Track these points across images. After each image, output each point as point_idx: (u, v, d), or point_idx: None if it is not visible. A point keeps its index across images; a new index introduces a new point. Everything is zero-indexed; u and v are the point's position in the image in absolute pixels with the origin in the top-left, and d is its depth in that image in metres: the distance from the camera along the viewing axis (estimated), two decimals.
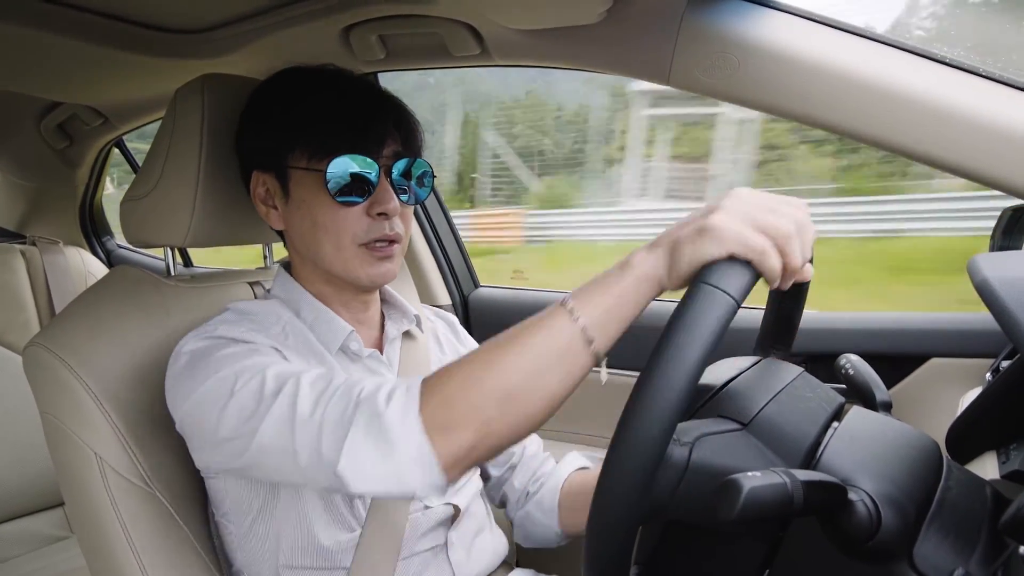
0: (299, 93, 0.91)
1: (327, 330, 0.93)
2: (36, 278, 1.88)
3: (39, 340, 0.92)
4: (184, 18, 1.21)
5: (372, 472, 0.67)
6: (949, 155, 0.76)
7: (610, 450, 0.57)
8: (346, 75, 0.94)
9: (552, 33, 0.99)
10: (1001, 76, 0.76)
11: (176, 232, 0.98)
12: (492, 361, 0.67)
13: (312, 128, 0.87)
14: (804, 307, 0.82)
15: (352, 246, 0.89)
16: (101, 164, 2.14)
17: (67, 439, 0.90)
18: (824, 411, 0.69)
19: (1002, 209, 1.04)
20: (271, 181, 0.92)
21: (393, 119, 0.91)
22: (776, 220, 0.62)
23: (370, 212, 0.88)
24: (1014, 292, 0.58)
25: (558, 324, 0.66)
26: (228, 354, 0.81)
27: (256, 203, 0.95)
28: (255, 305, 0.94)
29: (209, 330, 0.86)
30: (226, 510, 0.91)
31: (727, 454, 0.63)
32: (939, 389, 1.19)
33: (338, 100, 0.89)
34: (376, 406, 0.69)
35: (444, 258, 1.77)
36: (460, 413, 0.66)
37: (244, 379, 0.77)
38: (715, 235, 0.61)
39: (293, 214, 0.92)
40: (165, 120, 1.00)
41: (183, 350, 0.85)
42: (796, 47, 0.81)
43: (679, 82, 0.91)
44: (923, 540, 0.58)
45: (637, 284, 0.66)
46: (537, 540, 1.12)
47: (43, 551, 1.69)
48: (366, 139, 0.87)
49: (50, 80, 1.49)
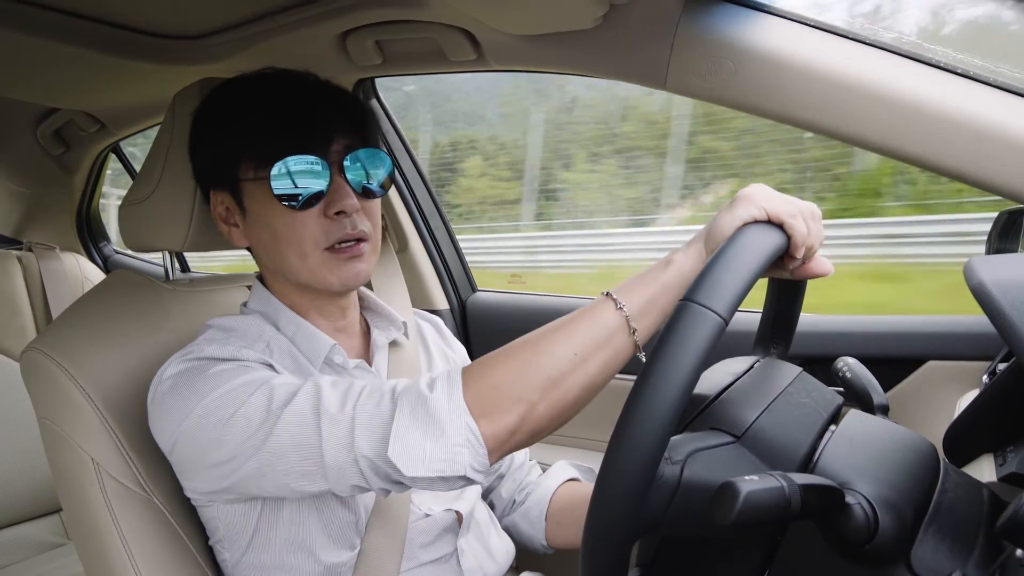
0: (240, 104, 0.88)
1: (309, 344, 0.91)
2: (33, 284, 1.87)
3: (37, 345, 0.92)
4: (181, 24, 1.21)
5: (424, 456, 0.68)
6: (945, 159, 0.77)
7: (601, 471, 0.57)
8: (288, 75, 0.90)
9: (548, 38, 0.99)
10: (997, 80, 0.77)
11: (174, 237, 0.98)
12: (539, 348, 0.70)
13: (254, 136, 0.84)
14: (802, 305, 0.82)
15: (316, 252, 0.85)
16: (98, 170, 2.14)
17: (64, 445, 0.90)
18: (819, 417, 0.69)
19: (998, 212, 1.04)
20: (227, 199, 0.90)
21: (339, 110, 0.88)
22: (796, 204, 0.69)
23: (327, 213, 0.84)
24: (1010, 295, 0.59)
25: (603, 313, 0.70)
26: (221, 371, 0.79)
27: (218, 223, 0.93)
28: (237, 321, 0.92)
29: (195, 351, 0.83)
30: (220, 537, 0.89)
31: (720, 469, 0.63)
32: (936, 392, 1.19)
33: (278, 102, 0.86)
34: (420, 393, 0.70)
35: (442, 262, 1.77)
36: (505, 396, 0.68)
37: (247, 392, 0.76)
38: (747, 199, 0.68)
39: (252, 229, 0.89)
40: (164, 124, 1.00)
41: (166, 374, 0.82)
42: (792, 52, 0.82)
43: (676, 87, 0.91)
44: (920, 543, 0.58)
45: (680, 276, 0.71)
46: (520, 550, 1.11)
47: (40, 557, 1.68)
48: (311, 137, 0.84)
49: (46, 86, 1.49)
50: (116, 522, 0.89)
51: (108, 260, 2.35)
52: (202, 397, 0.77)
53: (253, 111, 0.86)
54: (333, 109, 0.88)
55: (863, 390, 0.79)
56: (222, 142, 0.87)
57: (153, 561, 0.90)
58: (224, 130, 0.87)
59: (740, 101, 0.86)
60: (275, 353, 0.89)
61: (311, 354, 0.91)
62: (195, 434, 0.78)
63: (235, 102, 0.89)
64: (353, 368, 0.93)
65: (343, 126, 0.87)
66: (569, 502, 1.09)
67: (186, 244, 0.98)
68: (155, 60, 1.26)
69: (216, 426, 0.76)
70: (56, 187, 2.11)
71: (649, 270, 0.72)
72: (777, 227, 0.68)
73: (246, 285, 1.12)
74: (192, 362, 0.81)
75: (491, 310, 1.75)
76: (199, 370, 0.80)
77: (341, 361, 0.92)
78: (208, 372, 0.79)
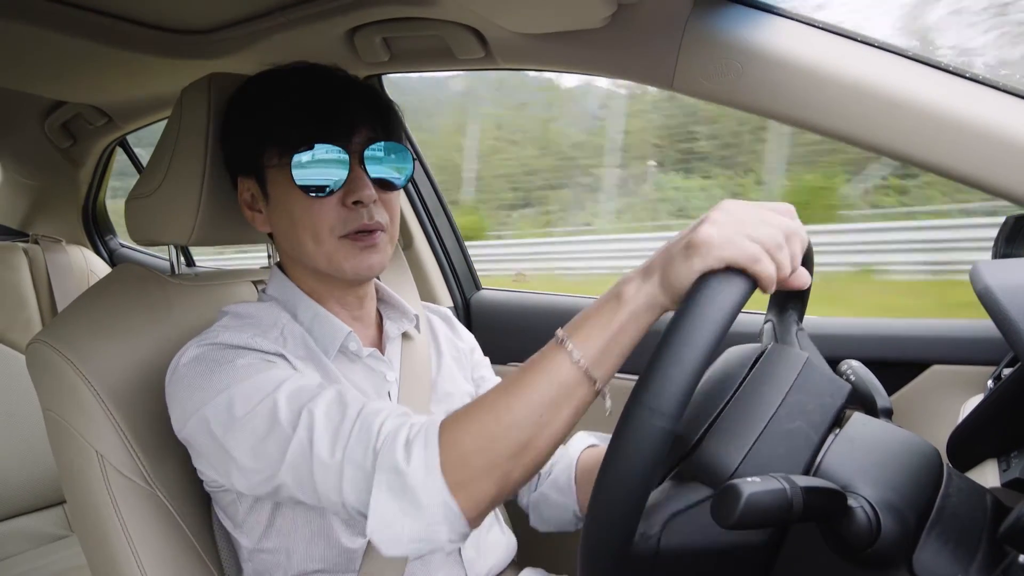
0: (269, 94, 0.91)
1: (325, 331, 0.92)
2: (39, 276, 1.88)
3: (43, 337, 0.92)
4: (189, 18, 1.21)
5: (403, 534, 0.68)
6: (951, 162, 0.76)
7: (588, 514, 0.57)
8: (317, 69, 0.92)
9: (556, 37, 0.99)
10: (1004, 84, 0.77)
11: (181, 230, 0.98)
12: (502, 416, 0.67)
13: (280, 125, 0.86)
14: (813, 265, 0.78)
15: (332, 238, 0.87)
16: (105, 163, 2.15)
17: (69, 437, 0.90)
18: (811, 441, 0.66)
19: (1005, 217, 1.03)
20: (252, 185, 0.92)
21: (363, 104, 0.89)
22: (765, 230, 0.61)
23: (345, 202, 0.86)
24: (1016, 300, 0.58)
25: (560, 367, 0.66)
26: (235, 367, 0.79)
27: (243, 209, 0.95)
28: (253, 307, 0.93)
29: (211, 336, 0.84)
30: (239, 522, 0.90)
31: (700, 532, 0.62)
32: (940, 396, 1.19)
33: (305, 93, 0.88)
34: (396, 462, 0.68)
35: (446, 260, 1.77)
36: (479, 469, 0.67)
37: (255, 400, 0.76)
38: (704, 247, 0.60)
39: (274, 215, 0.91)
40: (171, 119, 1.00)
41: (183, 360, 0.83)
42: (799, 53, 0.81)
43: (683, 87, 0.91)
44: (922, 547, 0.58)
45: (636, 317, 0.66)
46: (554, 523, 1.08)
47: (42, 549, 1.69)
48: (334, 127, 0.86)
49: (54, 79, 1.49)
50: (120, 515, 0.89)
51: (114, 254, 2.36)
52: (215, 393, 0.78)
53: (281, 100, 0.88)
54: (358, 101, 0.89)
55: (867, 393, 0.78)
56: (250, 130, 0.90)
57: (156, 553, 0.90)
58: (253, 118, 0.90)
59: (747, 102, 0.86)
60: (288, 342, 0.90)
61: (326, 342, 0.92)
62: (206, 427, 0.79)
63: (265, 92, 0.91)
64: (367, 356, 0.94)
65: (367, 118, 0.89)
66: (595, 466, 1.05)
67: (192, 238, 0.98)
68: (162, 54, 1.26)
69: (227, 427, 0.77)
70: (63, 180, 2.12)
71: (600, 307, 0.67)
72: (740, 273, 0.61)
73: (252, 280, 1.13)
74: (207, 347, 0.83)
75: (495, 308, 1.75)
76: (215, 360, 0.81)
77: (355, 348, 0.93)
78: (223, 365, 0.80)
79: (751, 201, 0.64)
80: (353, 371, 0.93)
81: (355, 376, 0.93)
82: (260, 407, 0.76)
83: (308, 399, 0.76)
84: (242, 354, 0.81)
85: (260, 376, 0.79)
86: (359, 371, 0.94)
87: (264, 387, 0.77)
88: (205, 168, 0.96)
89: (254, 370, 0.79)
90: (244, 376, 0.79)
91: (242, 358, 0.81)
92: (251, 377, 0.78)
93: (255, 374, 0.79)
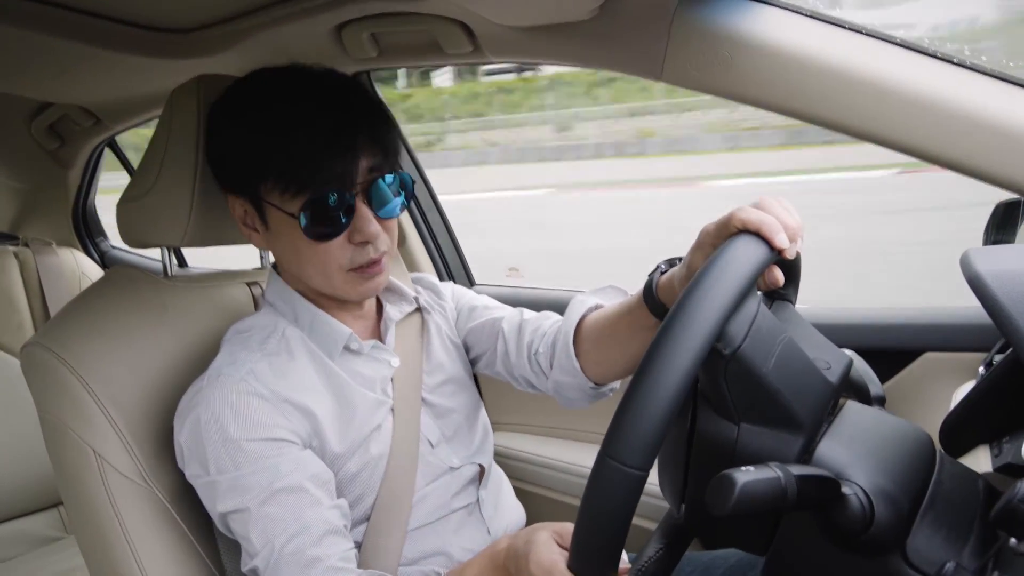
0: (261, 114, 0.86)
1: (326, 335, 0.93)
2: (30, 280, 1.87)
3: (38, 340, 0.92)
4: (175, 17, 1.20)
5: None
6: (941, 149, 0.76)
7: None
8: (311, 80, 0.89)
9: (544, 30, 0.99)
10: (992, 70, 0.77)
11: (173, 232, 0.99)
12: None
13: (279, 162, 0.83)
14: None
15: (340, 273, 0.89)
16: (94, 165, 2.13)
17: (66, 438, 0.90)
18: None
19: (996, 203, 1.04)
20: (247, 207, 0.91)
21: (366, 129, 0.87)
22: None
23: (352, 240, 0.87)
24: (1006, 286, 0.59)
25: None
26: (245, 454, 0.83)
27: (238, 224, 0.94)
28: (252, 320, 0.96)
29: (229, 384, 0.86)
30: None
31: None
32: (933, 383, 1.20)
33: (303, 121, 0.84)
34: None
35: (439, 255, 1.77)
36: None
37: (246, 500, 0.83)
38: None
39: (275, 243, 0.92)
40: (161, 121, 1.00)
41: (190, 417, 0.86)
42: (788, 42, 0.81)
43: (672, 78, 0.91)
44: (916, 533, 0.59)
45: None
46: (577, 401, 1.03)
47: (39, 552, 1.69)
48: (339, 169, 0.84)
49: (39, 80, 1.48)
50: (118, 514, 0.89)
51: (105, 256, 2.35)
52: (218, 472, 0.84)
53: (277, 129, 0.84)
54: (363, 128, 0.86)
55: (860, 381, 0.79)
56: (246, 154, 0.86)
57: (155, 552, 0.90)
58: (248, 140, 0.86)
59: (737, 92, 0.86)
60: (291, 343, 0.92)
61: (328, 345, 0.93)
62: (205, 488, 0.87)
63: (262, 112, 0.86)
64: (370, 349, 0.96)
65: (370, 145, 0.87)
66: (593, 328, 0.99)
67: (185, 239, 0.98)
68: (149, 54, 1.25)
69: (216, 497, 0.85)
70: (52, 182, 2.10)
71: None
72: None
73: (245, 282, 1.13)
74: (212, 416, 0.84)
75: None
76: (216, 437, 0.84)
77: (357, 347, 0.95)
78: (229, 445, 0.83)
79: None
80: (357, 363, 0.95)
81: (359, 367, 0.95)
82: (248, 509, 0.83)
83: (276, 533, 0.82)
84: (244, 449, 0.84)
85: (257, 477, 0.83)
86: (362, 363, 0.96)
87: (252, 492, 0.83)
88: (196, 170, 0.96)
89: (257, 463, 0.83)
90: (247, 470, 0.83)
91: (243, 451, 0.84)
92: (245, 479, 0.83)
93: (254, 474, 0.83)
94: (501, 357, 1.06)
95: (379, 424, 0.94)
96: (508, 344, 1.05)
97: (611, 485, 0.55)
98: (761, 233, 0.68)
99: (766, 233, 0.68)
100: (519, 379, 1.07)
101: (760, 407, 0.62)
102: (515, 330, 1.05)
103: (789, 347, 0.65)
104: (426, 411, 1.00)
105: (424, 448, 0.97)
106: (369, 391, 0.94)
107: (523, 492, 1.15)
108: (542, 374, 1.03)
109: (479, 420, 1.08)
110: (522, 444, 1.59)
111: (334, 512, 0.85)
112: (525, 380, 1.06)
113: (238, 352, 0.90)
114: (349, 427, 0.91)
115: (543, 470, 1.53)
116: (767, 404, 0.62)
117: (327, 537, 0.82)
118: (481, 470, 1.04)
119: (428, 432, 0.99)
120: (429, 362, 1.04)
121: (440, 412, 1.02)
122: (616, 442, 0.55)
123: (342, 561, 0.82)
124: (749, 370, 0.61)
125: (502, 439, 1.58)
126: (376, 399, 0.95)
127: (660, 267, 0.87)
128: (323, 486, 0.86)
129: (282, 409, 0.86)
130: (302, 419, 0.87)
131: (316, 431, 0.88)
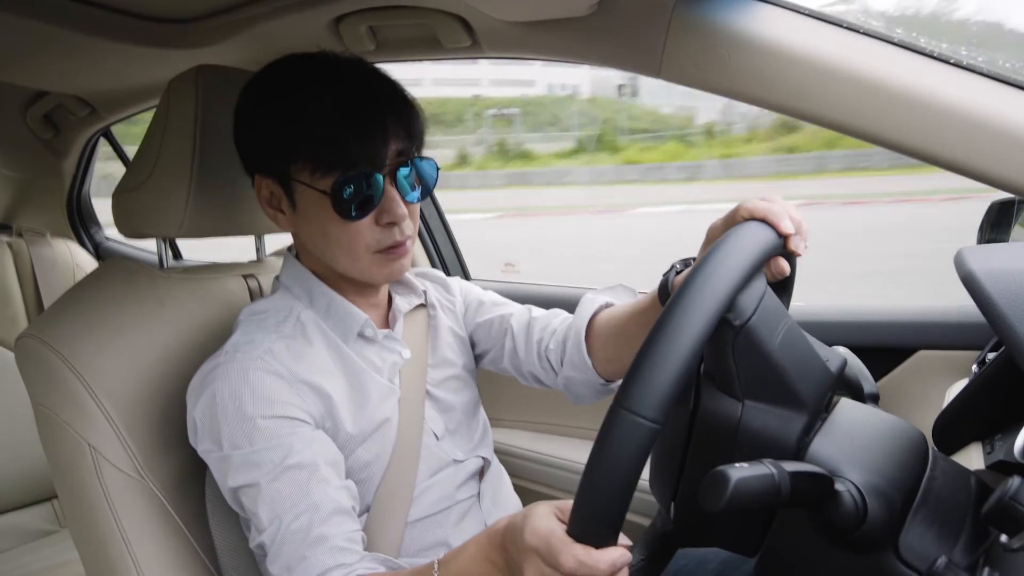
0: (294, 95, 0.87)
1: (342, 319, 0.95)
2: (23, 271, 1.86)
3: (32, 332, 0.92)
4: (174, 7, 1.19)
5: None
6: (936, 149, 0.77)
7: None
8: (342, 65, 0.90)
9: (543, 25, 0.98)
10: (989, 71, 0.77)
11: (170, 223, 0.98)
12: None
13: (311, 141, 0.85)
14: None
15: (367, 255, 0.90)
16: (89, 155, 2.12)
17: (61, 431, 0.90)
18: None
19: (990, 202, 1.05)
20: (275, 187, 0.91)
21: (394, 113, 0.89)
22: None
23: (379, 221, 0.88)
24: (999, 285, 0.59)
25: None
26: (257, 430, 0.83)
27: (263, 205, 0.94)
28: (267, 303, 0.96)
29: (242, 360, 0.86)
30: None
31: None
32: (926, 381, 1.20)
33: (336, 102, 0.85)
34: None
35: (435, 251, 1.77)
36: None
37: (257, 474, 0.83)
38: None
39: (301, 223, 0.92)
40: (158, 111, 0.99)
41: (205, 395, 0.86)
42: (786, 40, 0.81)
43: (670, 75, 0.91)
44: (908, 530, 0.59)
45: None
46: (587, 397, 1.04)
47: (32, 545, 1.68)
48: (370, 150, 0.86)
49: (34, 68, 1.47)
50: (112, 508, 0.89)
51: (100, 247, 2.34)
52: (232, 448, 0.84)
53: (315, 108, 0.85)
54: (391, 111, 0.88)
55: (854, 379, 0.79)
56: (278, 135, 0.87)
57: (149, 545, 0.90)
58: (281, 123, 0.87)
59: (734, 89, 0.86)
60: (306, 327, 0.93)
61: (343, 329, 0.95)
62: (215, 464, 0.87)
63: (290, 93, 0.87)
64: (383, 338, 0.98)
65: (398, 130, 0.89)
66: (606, 326, 1.00)
67: (181, 230, 0.98)
68: (146, 43, 1.24)
69: (225, 472, 0.85)
70: (46, 172, 2.09)
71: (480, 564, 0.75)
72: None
73: (241, 274, 1.12)
74: (229, 392, 0.85)
75: None
76: (232, 413, 0.84)
77: (371, 334, 0.96)
78: (244, 421, 0.84)
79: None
80: (369, 351, 0.97)
81: (371, 355, 0.97)
82: (258, 483, 0.83)
83: (284, 510, 0.82)
84: (255, 424, 0.84)
85: (269, 454, 0.83)
86: (375, 351, 0.97)
87: (262, 468, 0.83)
88: (194, 160, 0.96)
89: (262, 445, 0.84)
90: (260, 446, 0.84)
91: (267, 420, 0.84)
92: (257, 455, 0.83)
93: (262, 452, 0.83)
94: (509, 353, 1.08)
95: (388, 417, 0.95)
96: (517, 341, 1.07)
97: (624, 437, 0.53)
98: (768, 220, 0.70)
99: (772, 219, 0.70)
100: (527, 375, 1.09)
101: (765, 383, 0.63)
102: (524, 327, 1.07)
103: (793, 330, 0.66)
104: (430, 404, 1.01)
105: (429, 440, 0.98)
106: (380, 378, 0.96)
107: (520, 488, 1.15)
108: (552, 371, 1.05)
109: (479, 416, 1.09)
110: (519, 440, 1.60)
111: (343, 492, 0.85)
112: (533, 376, 1.08)
113: (255, 332, 0.90)
114: (363, 411, 0.92)
115: (540, 466, 1.53)
116: (772, 380, 0.63)
117: (335, 516, 0.82)
118: (484, 463, 1.05)
119: (433, 424, 1.00)
120: (434, 356, 1.05)
121: (444, 407, 1.03)
122: (632, 393, 0.54)
123: (348, 542, 0.82)
124: (757, 344, 0.62)
125: (499, 435, 1.58)
126: (388, 386, 0.96)
127: (675, 266, 0.89)
128: (334, 466, 0.86)
129: (298, 389, 0.87)
130: (317, 400, 0.88)
131: (330, 412, 0.89)
